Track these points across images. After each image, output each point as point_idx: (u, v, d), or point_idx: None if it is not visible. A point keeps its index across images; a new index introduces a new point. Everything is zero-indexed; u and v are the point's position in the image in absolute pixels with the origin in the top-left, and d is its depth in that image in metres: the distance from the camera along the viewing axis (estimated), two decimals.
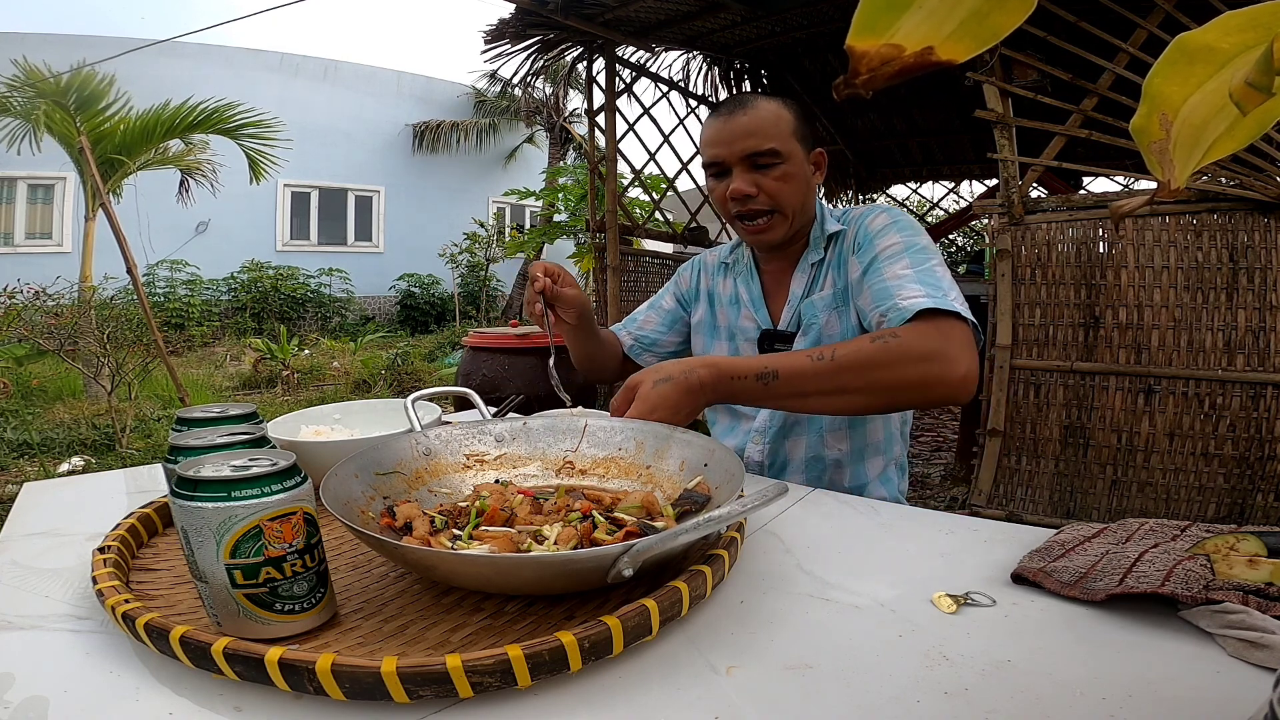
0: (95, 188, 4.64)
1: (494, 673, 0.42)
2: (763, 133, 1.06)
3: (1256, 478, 2.10)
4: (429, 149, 11.36)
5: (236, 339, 8.62)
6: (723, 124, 1.09)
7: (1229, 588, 0.51)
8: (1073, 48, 2.16)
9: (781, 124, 1.07)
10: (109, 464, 3.73)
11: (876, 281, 1.01)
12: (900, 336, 0.88)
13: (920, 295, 0.93)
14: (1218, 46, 0.25)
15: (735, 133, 1.07)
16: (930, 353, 0.87)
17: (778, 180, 1.07)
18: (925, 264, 1.00)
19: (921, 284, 0.95)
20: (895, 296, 0.95)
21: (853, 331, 1.10)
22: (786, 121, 1.08)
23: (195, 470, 0.48)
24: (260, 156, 5.85)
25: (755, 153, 1.06)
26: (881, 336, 0.89)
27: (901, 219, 1.09)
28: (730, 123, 1.08)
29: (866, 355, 0.87)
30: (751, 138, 1.06)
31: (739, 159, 1.07)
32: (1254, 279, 2.08)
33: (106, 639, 0.52)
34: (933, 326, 0.89)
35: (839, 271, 1.13)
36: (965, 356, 0.88)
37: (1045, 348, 2.36)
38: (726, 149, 1.08)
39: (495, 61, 3.94)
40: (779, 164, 1.07)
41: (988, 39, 0.24)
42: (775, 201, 1.08)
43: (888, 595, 0.57)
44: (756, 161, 1.07)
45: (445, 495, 0.74)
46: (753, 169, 1.07)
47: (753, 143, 1.06)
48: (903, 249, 1.02)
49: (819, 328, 1.11)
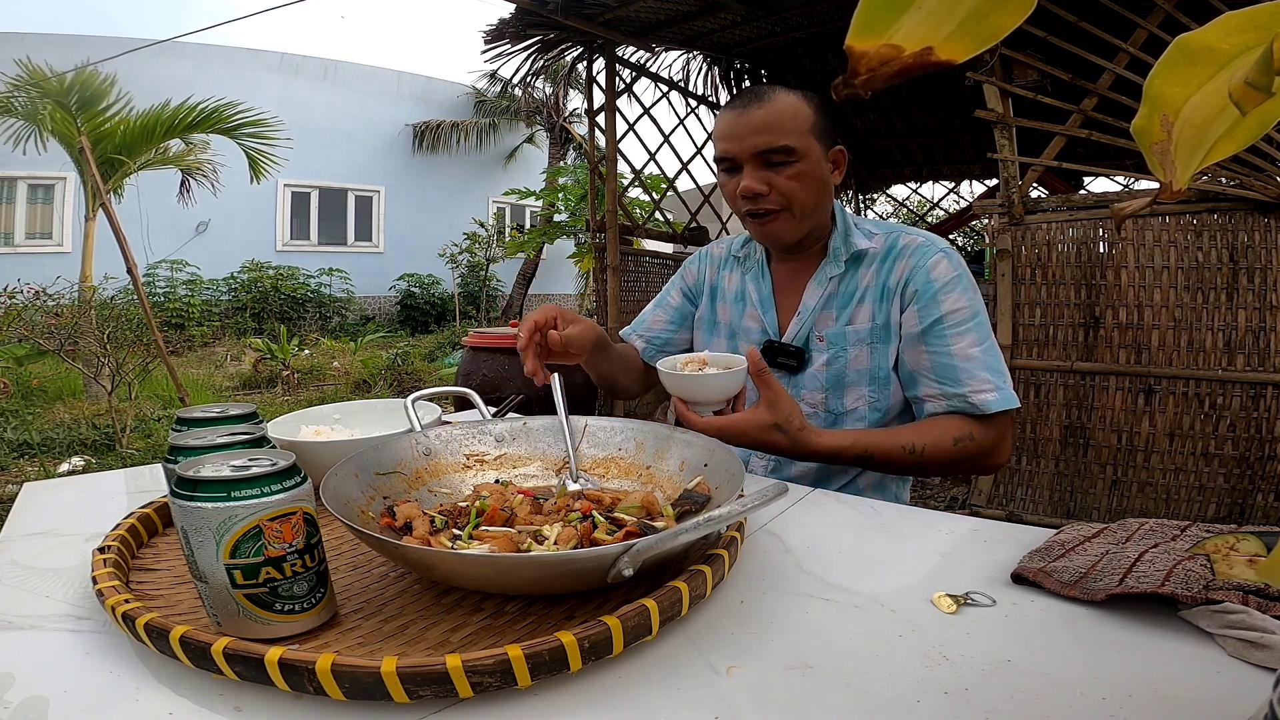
0: (95, 188, 4.64)
1: (494, 673, 0.42)
2: (778, 128, 1.00)
3: (1256, 478, 2.10)
4: (429, 149, 11.36)
5: (236, 339, 8.62)
6: (736, 117, 1.02)
7: (1229, 588, 0.51)
8: (1073, 48, 2.16)
9: (799, 119, 1.01)
10: (109, 464, 3.73)
11: (942, 354, 0.99)
12: (977, 440, 0.96)
13: (990, 391, 0.96)
14: (1218, 47, 0.25)
15: (749, 127, 1.01)
16: (995, 449, 0.97)
17: (791, 179, 1.02)
18: (988, 340, 1.00)
19: (990, 372, 0.97)
20: (965, 385, 0.97)
21: (885, 373, 1.05)
22: (804, 117, 1.02)
23: (195, 470, 0.48)
24: (260, 156, 5.85)
25: (769, 149, 1.00)
26: (962, 439, 0.96)
27: (964, 273, 1.03)
28: (744, 116, 1.01)
29: (950, 456, 0.96)
30: (765, 134, 1.00)
31: (751, 155, 1.02)
32: (1254, 279, 2.08)
33: (106, 639, 0.52)
34: (999, 429, 0.97)
35: (879, 305, 1.06)
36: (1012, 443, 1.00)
37: (1045, 348, 2.36)
38: (738, 144, 1.02)
39: (495, 61, 3.95)
40: (793, 162, 1.01)
41: (987, 39, 0.24)
42: (787, 200, 1.03)
43: (888, 595, 0.57)
44: (770, 159, 1.01)
45: (445, 495, 0.74)
46: (765, 166, 1.02)
47: (766, 139, 1.00)
48: (969, 317, 0.99)
49: (846, 360, 1.07)
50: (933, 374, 1.00)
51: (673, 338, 1.29)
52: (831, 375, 1.08)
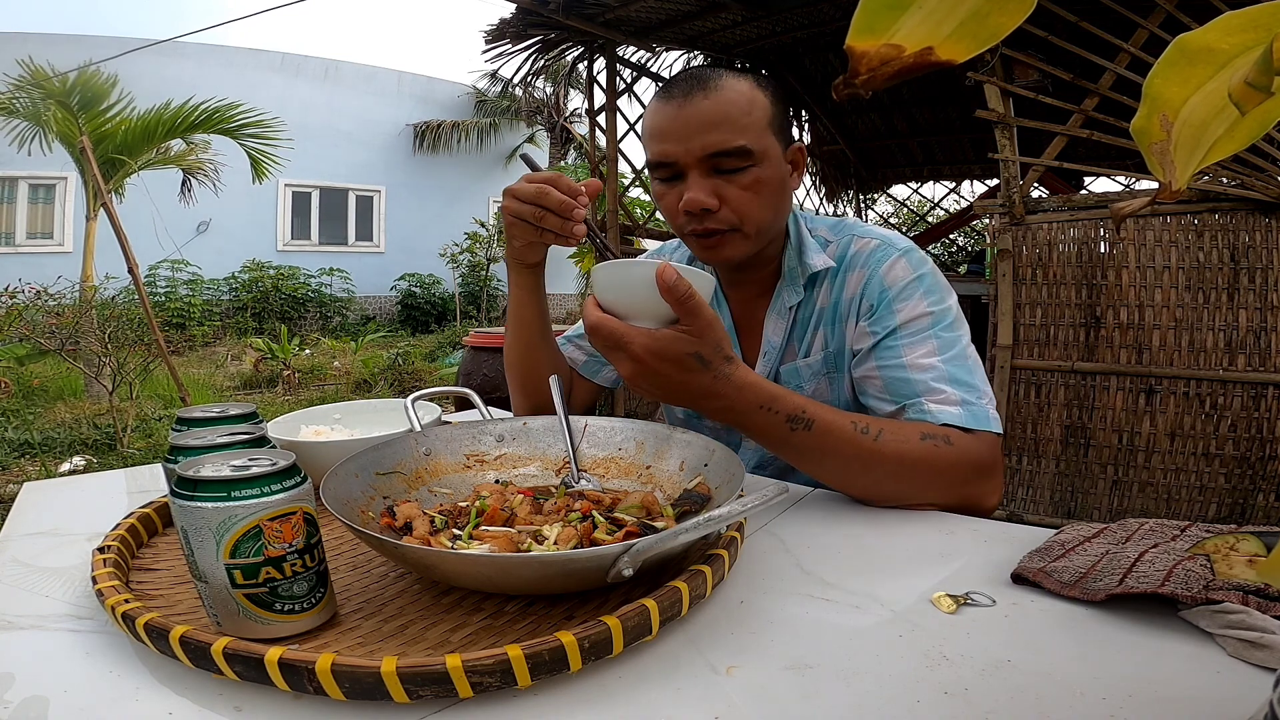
0: (97, 187, 4.64)
1: (494, 673, 0.42)
2: (731, 124, 0.80)
3: (1257, 478, 2.10)
4: (430, 149, 11.37)
5: (237, 339, 8.63)
6: (676, 110, 0.82)
7: (1229, 588, 0.51)
8: (1073, 48, 2.16)
9: (755, 112, 0.82)
10: (110, 463, 3.73)
11: (893, 366, 0.81)
12: (955, 445, 0.74)
13: (954, 405, 0.76)
14: (1218, 47, 0.25)
15: (694, 123, 0.81)
16: (981, 468, 0.75)
17: (746, 189, 0.83)
18: (954, 349, 0.81)
19: (954, 385, 0.78)
20: (922, 396, 0.77)
21: (846, 402, 0.91)
22: (761, 108, 0.82)
23: (195, 470, 0.48)
24: (262, 156, 5.86)
25: (720, 152, 0.81)
26: (933, 437, 0.74)
27: (927, 272, 0.86)
28: (686, 109, 0.81)
29: (915, 453, 0.72)
30: (715, 130, 0.80)
31: (698, 159, 0.82)
32: (1255, 279, 2.08)
33: (106, 639, 0.52)
34: (984, 446, 0.76)
35: (832, 330, 0.90)
36: (1002, 482, 0.77)
37: (1046, 348, 2.36)
38: (680, 145, 0.82)
39: (496, 61, 3.94)
40: (749, 167, 0.82)
41: (988, 39, 0.24)
42: (740, 218, 0.84)
43: (888, 595, 0.57)
44: (720, 164, 0.82)
45: (445, 495, 0.74)
46: (713, 172, 0.82)
47: (717, 138, 0.80)
48: (929, 325, 0.82)
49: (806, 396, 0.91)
50: (885, 392, 0.82)
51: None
52: None
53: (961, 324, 0.85)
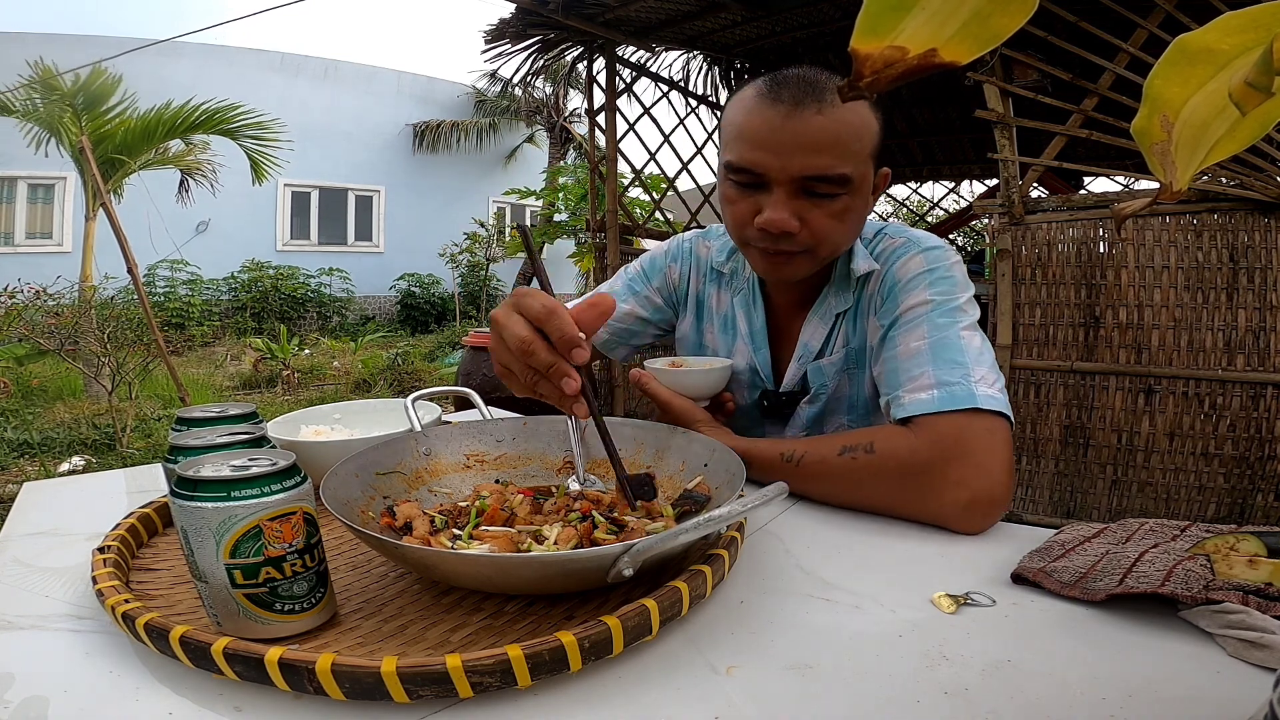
0: (96, 187, 4.64)
1: (494, 673, 0.42)
2: (840, 149, 0.73)
3: (1256, 478, 2.11)
4: (429, 149, 11.36)
5: (237, 339, 8.63)
6: (782, 119, 0.73)
7: (1229, 588, 0.51)
8: (1073, 48, 2.16)
9: (866, 138, 0.76)
10: (109, 463, 3.73)
11: (890, 357, 0.80)
12: (876, 450, 0.70)
13: (926, 390, 0.72)
14: (1218, 47, 0.25)
15: (799, 140, 0.73)
16: (934, 460, 0.68)
17: (833, 217, 0.77)
18: (949, 330, 0.76)
19: (937, 365, 0.73)
20: (901, 387, 0.75)
21: (864, 400, 0.91)
22: (871, 134, 0.77)
23: (195, 470, 0.48)
24: (261, 157, 5.86)
25: (819, 177, 0.74)
26: (853, 448, 0.71)
27: (941, 266, 0.83)
28: (794, 120, 0.73)
29: (834, 470, 0.71)
30: (821, 154, 0.73)
31: (791, 178, 0.75)
32: (1254, 279, 2.08)
33: (106, 639, 0.52)
34: (937, 434, 0.69)
35: (854, 326, 0.89)
36: (983, 471, 0.67)
37: (1045, 348, 2.36)
38: (777, 159, 0.74)
39: (495, 61, 3.95)
40: (841, 195, 0.76)
41: (990, 40, 0.24)
42: (816, 241, 0.79)
43: (888, 595, 0.57)
44: (814, 188, 0.75)
45: (445, 495, 0.74)
46: (802, 194, 0.76)
47: (821, 162, 0.73)
48: (927, 311, 0.79)
49: (828, 394, 0.92)
50: (882, 384, 0.80)
51: (640, 331, 1.05)
52: (813, 413, 0.93)
53: (966, 314, 0.81)
